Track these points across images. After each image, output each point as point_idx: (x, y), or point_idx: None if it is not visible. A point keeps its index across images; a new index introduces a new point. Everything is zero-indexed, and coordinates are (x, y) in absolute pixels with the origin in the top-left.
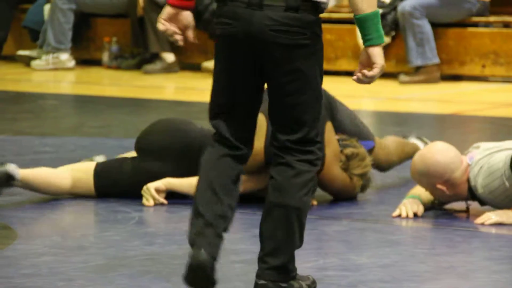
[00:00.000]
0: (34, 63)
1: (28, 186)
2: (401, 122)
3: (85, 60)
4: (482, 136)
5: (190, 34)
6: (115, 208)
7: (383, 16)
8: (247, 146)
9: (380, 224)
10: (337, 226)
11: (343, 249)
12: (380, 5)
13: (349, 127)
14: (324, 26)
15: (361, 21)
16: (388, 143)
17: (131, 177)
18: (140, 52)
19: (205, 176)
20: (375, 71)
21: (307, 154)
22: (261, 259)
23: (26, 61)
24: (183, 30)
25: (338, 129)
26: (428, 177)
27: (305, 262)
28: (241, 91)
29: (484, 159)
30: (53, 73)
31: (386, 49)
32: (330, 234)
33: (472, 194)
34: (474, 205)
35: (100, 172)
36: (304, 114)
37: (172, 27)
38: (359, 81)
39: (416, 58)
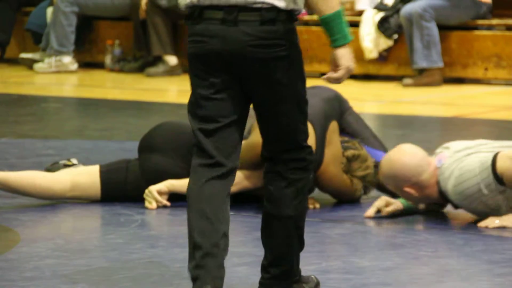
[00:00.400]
0: (37, 66)
1: (10, 188)
2: (404, 125)
3: (88, 63)
4: (484, 139)
5: None
6: (118, 211)
7: (386, 19)
8: (231, 159)
9: (382, 227)
10: (340, 229)
11: (345, 252)
12: (383, 8)
13: (360, 130)
14: None
15: (324, 23)
16: None
17: (138, 177)
18: (142, 55)
19: (196, 204)
20: (340, 73)
21: (298, 162)
22: (263, 268)
23: (29, 64)
24: None
25: (345, 130)
26: (395, 180)
27: (307, 264)
28: (225, 107)
29: (455, 164)
30: (56, 76)
31: (389, 52)
32: (333, 237)
33: (443, 197)
34: (448, 207)
35: (107, 173)
36: (290, 123)
37: None
38: (328, 81)
39: (421, 60)
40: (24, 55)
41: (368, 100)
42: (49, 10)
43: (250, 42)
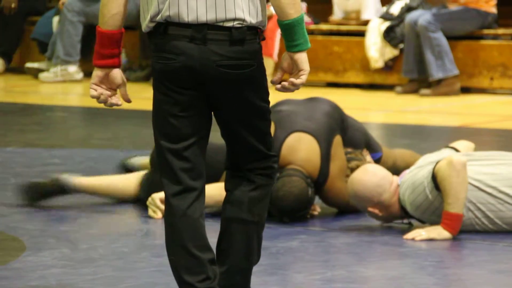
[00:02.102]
0: (42, 75)
1: (89, 192)
2: (409, 134)
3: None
4: (490, 149)
5: (124, 92)
6: (123, 220)
7: (392, 28)
8: (201, 178)
9: (388, 236)
10: (345, 238)
11: (350, 261)
12: (389, 17)
13: (360, 142)
14: (332, 38)
15: (290, 27)
16: (396, 152)
17: (149, 190)
18: (148, 64)
19: (176, 240)
20: (304, 78)
21: (264, 169)
22: (220, 276)
23: (35, 73)
24: (116, 89)
25: (349, 144)
26: (359, 201)
27: (312, 274)
28: (193, 124)
29: (411, 176)
30: (61, 85)
31: (395, 61)
32: (338, 246)
33: (406, 213)
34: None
35: (141, 182)
36: (258, 137)
37: (105, 91)
38: (284, 89)
39: (437, 71)
40: (29, 65)
41: (373, 110)
42: (55, 20)
43: (219, 62)
